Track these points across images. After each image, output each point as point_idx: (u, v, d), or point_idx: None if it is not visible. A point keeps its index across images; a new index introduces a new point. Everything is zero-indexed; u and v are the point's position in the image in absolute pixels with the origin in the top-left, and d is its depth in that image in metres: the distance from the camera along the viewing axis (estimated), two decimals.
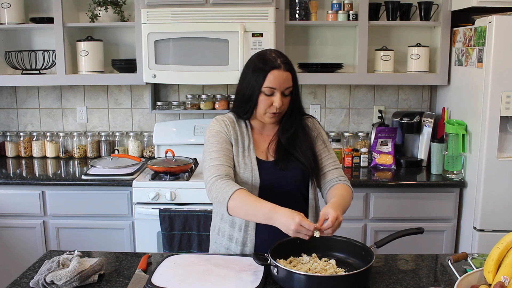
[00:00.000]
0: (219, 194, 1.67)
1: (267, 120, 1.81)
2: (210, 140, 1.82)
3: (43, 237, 2.93)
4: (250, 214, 1.63)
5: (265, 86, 1.74)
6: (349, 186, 1.86)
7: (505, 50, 2.54)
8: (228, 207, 1.64)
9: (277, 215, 1.55)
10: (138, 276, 1.62)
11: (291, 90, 1.79)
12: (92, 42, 3.16)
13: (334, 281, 1.48)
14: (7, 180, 2.92)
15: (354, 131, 3.43)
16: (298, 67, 3.23)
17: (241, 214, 1.66)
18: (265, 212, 1.58)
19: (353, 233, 2.81)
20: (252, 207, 1.61)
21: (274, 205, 1.59)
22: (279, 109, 1.76)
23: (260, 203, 1.62)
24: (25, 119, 3.54)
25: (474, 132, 2.75)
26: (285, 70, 1.75)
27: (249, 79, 1.77)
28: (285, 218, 1.53)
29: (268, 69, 1.73)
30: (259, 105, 1.78)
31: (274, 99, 1.75)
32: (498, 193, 2.66)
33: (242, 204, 1.62)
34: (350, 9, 3.13)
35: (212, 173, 1.72)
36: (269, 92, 1.75)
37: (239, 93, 1.83)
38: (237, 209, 1.63)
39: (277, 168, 1.83)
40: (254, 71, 1.76)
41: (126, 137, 3.49)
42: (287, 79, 1.75)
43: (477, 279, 1.40)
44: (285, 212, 1.55)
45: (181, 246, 2.62)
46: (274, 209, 1.57)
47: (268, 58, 1.76)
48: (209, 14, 2.91)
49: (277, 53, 1.80)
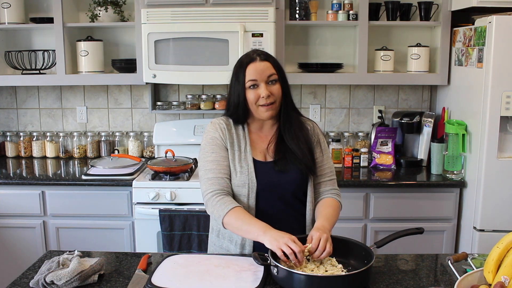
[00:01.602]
0: (215, 210, 1.74)
1: (263, 114, 1.80)
2: (205, 148, 1.85)
3: (43, 237, 2.93)
4: (243, 230, 1.68)
5: (247, 81, 1.77)
6: (338, 200, 1.89)
7: (505, 50, 2.54)
8: (224, 223, 1.71)
9: (271, 231, 1.60)
10: (138, 276, 1.62)
11: (277, 78, 1.80)
12: (92, 42, 3.16)
13: (334, 281, 1.48)
14: (7, 180, 2.92)
15: (354, 131, 3.43)
16: (298, 67, 3.23)
17: (234, 230, 1.72)
18: (259, 227, 1.63)
19: (353, 233, 2.81)
20: (246, 223, 1.67)
21: (268, 225, 1.64)
22: (269, 98, 1.77)
23: (255, 221, 1.68)
24: (25, 119, 3.54)
25: (474, 132, 2.75)
26: (262, 60, 1.79)
27: (233, 84, 1.83)
28: (276, 234, 1.58)
29: (245, 65, 1.79)
30: (249, 102, 1.79)
31: (260, 90, 1.77)
32: (498, 193, 2.66)
33: (236, 221, 1.69)
34: (350, 9, 3.13)
35: (208, 188, 1.78)
36: (252, 85, 1.77)
37: (229, 101, 1.86)
38: (231, 225, 1.70)
39: (275, 170, 1.82)
40: (235, 74, 1.82)
41: (126, 137, 3.49)
42: (266, 67, 1.78)
43: (477, 279, 1.40)
44: (277, 231, 1.60)
45: (181, 246, 2.62)
46: (268, 227, 1.63)
47: (244, 57, 1.83)
48: (209, 14, 2.91)
49: (254, 50, 1.86)
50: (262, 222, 1.66)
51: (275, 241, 1.55)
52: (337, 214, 1.84)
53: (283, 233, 1.59)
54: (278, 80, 1.80)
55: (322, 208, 1.83)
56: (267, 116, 1.81)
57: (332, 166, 1.95)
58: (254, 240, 1.67)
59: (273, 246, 1.55)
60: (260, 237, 1.61)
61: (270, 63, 1.80)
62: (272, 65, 1.80)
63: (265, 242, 1.58)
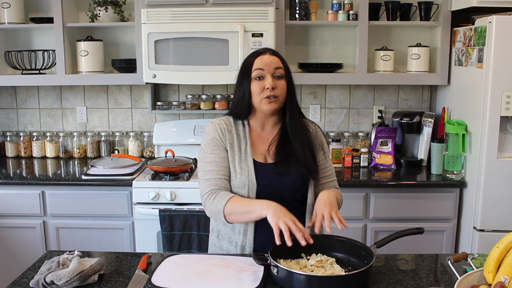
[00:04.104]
0: (213, 207, 1.72)
1: (265, 106, 1.78)
2: (205, 149, 1.84)
3: (43, 237, 2.93)
4: (247, 212, 1.67)
5: (254, 69, 1.77)
6: (339, 192, 1.91)
7: (505, 50, 2.54)
8: (225, 214, 1.69)
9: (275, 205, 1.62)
10: (138, 276, 1.62)
11: (284, 73, 1.80)
12: (92, 42, 3.16)
13: (334, 281, 1.48)
14: (7, 180, 2.92)
15: (354, 131, 3.43)
16: (298, 67, 3.23)
17: (238, 216, 1.70)
18: (261, 202, 1.64)
19: (353, 233, 2.81)
20: (248, 205, 1.67)
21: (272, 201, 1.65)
22: (273, 90, 1.76)
23: (256, 200, 1.71)
24: (25, 119, 3.54)
25: (474, 132, 2.75)
26: (271, 55, 1.80)
27: (240, 78, 1.83)
28: (279, 210, 1.59)
29: (254, 58, 1.80)
30: (253, 94, 1.78)
31: (265, 81, 1.77)
32: (498, 193, 2.66)
33: (237, 207, 1.68)
34: (350, 9, 3.13)
35: (205, 189, 1.78)
36: (258, 75, 1.77)
37: (235, 95, 1.86)
38: (234, 213, 1.69)
39: (276, 172, 1.82)
40: (242, 71, 1.83)
41: (126, 137, 3.49)
42: (275, 61, 1.79)
43: (477, 279, 1.40)
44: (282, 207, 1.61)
45: (181, 246, 2.62)
46: (271, 202, 1.64)
47: (253, 53, 1.84)
48: (209, 14, 2.91)
49: (263, 47, 1.87)
50: (264, 200, 1.67)
51: (276, 217, 1.56)
52: (340, 196, 1.87)
53: (286, 211, 1.60)
54: (284, 76, 1.80)
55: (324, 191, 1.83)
56: (269, 108, 1.79)
57: (333, 168, 1.97)
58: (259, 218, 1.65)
59: (273, 221, 1.56)
60: (263, 211, 1.61)
61: (279, 59, 1.81)
62: (280, 60, 1.81)
63: (268, 215, 1.59)
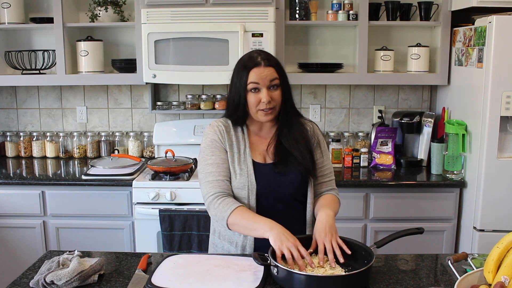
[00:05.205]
0: (218, 212, 1.73)
1: (262, 118, 1.80)
2: (205, 151, 1.85)
3: (43, 237, 2.93)
4: (249, 228, 1.68)
5: (249, 83, 1.75)
6: (337, 196, 1.91)
7: (505, 50, 2.54)
8: (228, 224, 1.71)
9: (277, 228, 1.61)
10: (138, 276, 1.62)
11: (279, 83, 1.79)
12: (92, 42, 3.16)
13: (334, 281, 1.48)
14: (7, 180, 2.92)
15: (354, 131, 3.43)
16: (298, 67, 3.23)
17: (240, 229, 1.72)
18: (265, 224, 1.64)
19: (353, 233, 2.81)
20: (251, 221, 1.68)
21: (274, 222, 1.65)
22: (269, 104, 1.76)
23: (260, 218, 1.68)
24: (25, 119, 3.54)
25: (474, 132, 2.75)
26: (266, 66, 1.77)
27: (235, 84, 1.81)
28: (282, 234, 1.59)
29: (249, 68, 1.76)
30: (249, 104, 1.78)
31: (261, 95, 1.76)
32: (498, 193, 2.66)
33: (241, 220, 1.69)
34: (350, 9, 3.13)
35: (209, 191, 1.78)
36: (254, 88, 1.76)
37: (229, 101, 1.85)
38: (237, 225, 1.70)
39: (275, 172, 1.82)
40: (238, 74, 1.80)
41: (126, 137, 3.49)
42: (270, 73, 1.77)
43: (477, 279, 1.40)
44: (284, 230, 1.61)
45: (181, 246, 2.62)
46: (274, 223, 1.64)
47: (248, 59, 1.79)
48: (209, 14, 2.91)
49: (258, 52, 1.83)
50: (268, 219, 1.66)
51: (279, 241, 1.56)
52: (338, 206, 1.88)
53: (289, 234, 1.59)
54: (279, 85, 1.80)
55: (324, 201, 1.84)
56: (265, 120, 1.81)
57: (332, 166, 1.96)
58: (261, 237, 1.65)
59: (275, 245, 1.56)
60: (266, 233, 1.61)
61: (274, 69, 1.78)
62: (275, 70, 1.79)
63: (270, 238, 1.59)
